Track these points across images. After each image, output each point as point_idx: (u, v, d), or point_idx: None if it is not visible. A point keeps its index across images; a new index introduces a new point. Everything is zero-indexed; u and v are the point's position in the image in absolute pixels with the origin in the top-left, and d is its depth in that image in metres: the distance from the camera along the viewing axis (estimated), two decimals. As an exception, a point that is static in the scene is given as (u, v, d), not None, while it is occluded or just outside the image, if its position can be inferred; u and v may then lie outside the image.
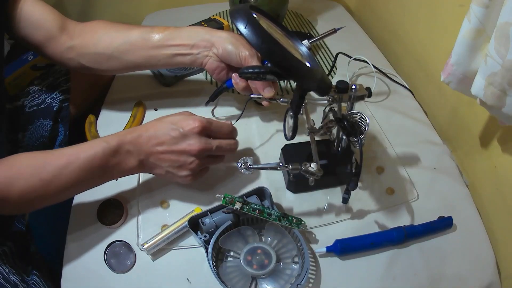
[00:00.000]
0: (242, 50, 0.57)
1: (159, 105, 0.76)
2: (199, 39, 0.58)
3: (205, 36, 0.58)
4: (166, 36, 0.58)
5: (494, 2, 0.43)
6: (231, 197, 0.50)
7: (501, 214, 0.58)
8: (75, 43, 0.60)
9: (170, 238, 0.52)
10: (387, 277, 0.51)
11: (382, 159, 0.66)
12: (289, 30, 0.57)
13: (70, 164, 0.44)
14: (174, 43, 0.58)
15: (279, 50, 0.42)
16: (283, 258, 0.51)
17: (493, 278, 0.52)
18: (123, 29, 0.60)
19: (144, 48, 0.59)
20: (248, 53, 0.57)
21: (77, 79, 0.78)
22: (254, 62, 0.57)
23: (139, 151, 0.48)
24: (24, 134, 0.69)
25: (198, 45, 0.58)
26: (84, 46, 0.60)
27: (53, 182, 0.43)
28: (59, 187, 0.44)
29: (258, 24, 0.42)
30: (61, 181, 0.44)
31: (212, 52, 0.59)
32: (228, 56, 0.58)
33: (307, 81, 0.46)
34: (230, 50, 0.57)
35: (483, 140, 0.62)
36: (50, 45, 0.59)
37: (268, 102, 0.60)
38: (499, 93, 0.44)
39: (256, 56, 0.58)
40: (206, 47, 0.59)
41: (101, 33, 0.60)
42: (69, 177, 0.44)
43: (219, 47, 0.58)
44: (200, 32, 0.59)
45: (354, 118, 0.53)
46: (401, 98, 0.79)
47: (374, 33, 1.03)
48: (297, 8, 1.14)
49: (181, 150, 0.48)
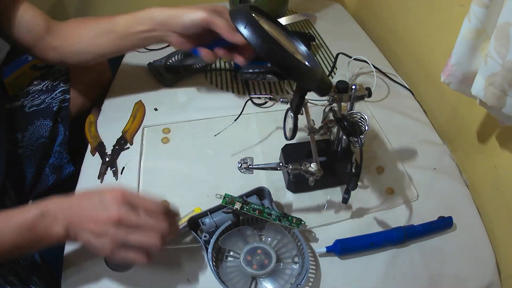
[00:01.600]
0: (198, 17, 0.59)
1: (159, 105, 0.76)
2: (156, 23, 0.61)
3: (160, 18, 0.61)
4: (127, 25, 0.62)
5: (494, 2, 0.43)
6: (231, 197, 0.50)
7: (501, 214, 0.58)
8: (58, 43, 0.65)
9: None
10: (387, 277, 0.51)
11: (382, 159, 0.66)
12: (289, 30, 0.57)
13: (6, 227, 0.43)
14: (136, 30, 0.62)
15: (279, 50, 0.42)
16: (283, 258, 0.51)
17: (493, 278, 0.52)
18: (92, 23, 0.65)
19: (111, 39, 0.64)
20: (202, 16, 0.58)
21: (77, 79, 0.78)
22: (215, 23, 0.59)
23: (65, 217, 0.45)
24: (24, 134, 0.69)
25: (156, 28, 0.62)
26: (64, 44, 0.65)
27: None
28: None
29: (258, 24, 0.42)
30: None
31: (171, 31, 0.61)
32: (186, 29, 0.61)
33: (307, 81, 0.46)
34: (186, 24, 0.60)
35: (483, 140, 0.62)
36: (38, 45, 0.64)
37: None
38: (499, 94, 0.44)
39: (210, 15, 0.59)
40: (163, 29, 0.61)
41: (75, 31, 0.65)
42: (3, 240, 0.43)
43: (176, 25, 0.60)
44: (155, 14, 0.61)
45: (354, 118, 0.53)
46: (401, 98, 0.79)
47: (374, 33, 1.03)
48: (297, 8, 1.14)
49: (98, 217, 0.44)
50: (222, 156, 0.66)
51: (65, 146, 0.74)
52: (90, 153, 0.67)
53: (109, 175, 0.63)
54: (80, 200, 0.47)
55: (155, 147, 0.68)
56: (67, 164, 0.74)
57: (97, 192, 0.47)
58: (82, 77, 0.79)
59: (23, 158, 0.68)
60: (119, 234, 0.44)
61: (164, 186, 0.60)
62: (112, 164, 0.64)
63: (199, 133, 0.70)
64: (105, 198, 0.45)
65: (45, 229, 0.44)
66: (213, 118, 0.73)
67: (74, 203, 0.46)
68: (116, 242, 0.44)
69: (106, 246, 0.44)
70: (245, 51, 0.64)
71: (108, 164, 0.64)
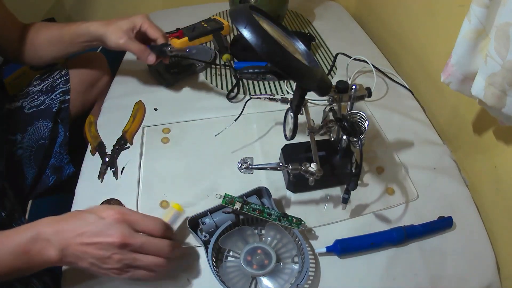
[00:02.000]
0: (118, 42, 0.67)
1: (159, 105, 0.76)
2: (92, 37, 0.69)
3: (94, 34, 0.69)
4: (72, 36, 0.70)
5: (494, 2, 0.43)
6: (231, 197, 0.50)
7: (501, 214, 0.58)
8: (22, 45, 0.71)
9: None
10: (387, 277, 0.51)
11: (382, 159, 0.66)
12: (289, 30, 0.57)
13: (2, 249, 0.42)
14: (79, 40, 0.70)
15: (279, 50, 0.42)
16: (283, 258, 0.51)
17: (493, 278, 0.52)
18: (46, 31, 0.72)
19: (61, 47, 0.72)
20: (122, 42, 0.67)
21: (77, 80, 0.78)
22: (130, 49, 0.68)
23: (59, 241, 0.43)
24: (23, 136, 0.69)
25: (94, 41, 0.70)
26: (26, 48, 0.72)
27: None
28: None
29: (258, 25, 0.42)
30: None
31: (108, 42, 0.69)
32: (113, 48, 0.69)
33: (307, 81, 0.46)
34: (112, 46, 0.68)
35: (483, 140, 0.62)
36: (8, 48, 0.71)
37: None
38: (499, 94, 0.44)
39: (129, 32, 0.68)
40: (99, 43, 0.70)
41: (34, 36, 0.72)
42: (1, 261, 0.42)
43: (106, 44, 0.69)
44: (91, 30, 0.69)
45: (354, 118, 0.53)
46: (401, 98, 0.79)
47: (374, 33, 1.03)
48: (297, 8, 1.14)
49: (101, 242, 0.43)
50: (222, 156, 0.66)
51: (65, 147, 0.74)
52: (90, 153, 0.67)
53: (109, 175, 0.63)
54: (75, 222, 0.44)
55: (155, 147, 0.68)
56: (67, 165, 0.74)
57: (93, 212, 0.45)
58: (82, 78, 0.79)
59: (23, 159, 0.68)
60: (125, 258, 0.44)
61: (164, 186, 0.60)
62: (112, 164, 0.64)
63: (199, 133, 0.70)
64: (104, 221, 0.44)
65: (38, 253, 0.43)
66: (213, 118, 0.73)
67: (69, 226, 0.44)
68: (122, 266, 0.44)
69: (111, 270, 0.44)
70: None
71: (108, 164, 0.64)
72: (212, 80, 0.84)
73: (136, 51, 0.68)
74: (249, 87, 0.82)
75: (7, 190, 0.59)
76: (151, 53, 0.69)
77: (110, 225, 0.44)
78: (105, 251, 0.43)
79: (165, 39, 0.71)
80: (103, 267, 0.44)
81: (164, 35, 0.71)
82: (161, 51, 0.69)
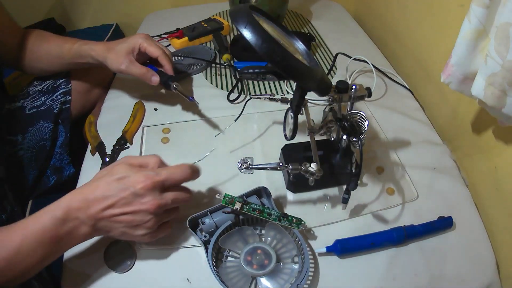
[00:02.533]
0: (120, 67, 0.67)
1: (159, 105, 0.76)
2: (94, 59, 0.69)
3: (96, 58, 0.68)
4: (73, 56, 0.69)
5: (494, 2, 0.43)
6: (231, 197, 0.50)
7: (501, 214, 0.58)
8: (22, 53, 0.71)
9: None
10: (387, 277, 0.51)
11: (382, 159, 0.66)
12: (289, 30, 0.57)
13: (25, 240, 0.41)
14: (80, 61, 0.70)
15: (279, 50, 0.42)
16: (283, 258, 0.51)
17: (493, 278, 0.52)
18: (47, 43, 0.71)
19: (61, 64, 0.72)
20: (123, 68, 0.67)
21: (78, 81, 0.78)
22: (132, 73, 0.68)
23: (89, 217, 0.43)
24: (24, 137, 0.69)
25: (95, 63, 0.69)
26: (26, 57, 0.71)
27: (13, 260, 0.40)
28: (22, 265, 0.41)
29: (258, 24, 0.42)
30: (22, 256, 0.41)
31: (109, 67, 0.69)
32: (115, 71, 0.70)
33: (307, 81, 0.46)
34: (113, 70, 0.68)
35: (483, 140, 0.62)
36: (7, 55, 0.70)
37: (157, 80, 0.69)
38: (499, 94, 0.44)
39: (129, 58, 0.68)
40: (103, 65, 0.69)
41: (33, 49, 0.71)
42: (28, 254, 0.41)
43: (108, 67, 0.68)
44: (92, 53, 0.68)
45: (354, 118, 0.53)
46: (401, 98, 0.79)
47: (374, 33, 1.03)
48: (297, 8, 1.14)
49: (136, 210, 0.44)
50: (222, 156, 0.66)
51: (66, 148, 0.74)
52: (90, 153, 0.67)
53: (109, 175, 0.62)
54: (103, 194, 0.43)
55: (155, 147, 0.68)
56: (68, 166, 0.74)
57: (117, 179, 0.44)
58: (83, 78, 0.79)
59: (24, 161, 0.68)
60: (158, 220, 0.46)
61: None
62: (112, 164, 0.64)
63: (199, 133, 0.70)
64: (134, 190, 0.43)
65: (69, 234, 0.43)
66: (213, 118, 0.73)
67: (94, 198, 0.43)
68: (155, 227, 0.46)
69: (146, 233, 0.46)
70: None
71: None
72: (212, 80, 0.84)
73: (138, 75, 0.68)
74: (249, 87, 0.82)
75: (7, 193, 0.59)
76: (154, 74, 0.69)
77: (140, 195, 0.44)
78: (141, 217, 0.44)
79: (165, 56, 0.70)
80: (135, 234, 0.46)
81: (164, 53, 0.70)
82: (166, 83, 0.69)
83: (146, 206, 0.44)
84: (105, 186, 0.44)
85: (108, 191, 0.44)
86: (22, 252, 0.40)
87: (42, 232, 0.41)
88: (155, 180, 0.44)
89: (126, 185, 0.44)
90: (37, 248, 0.41)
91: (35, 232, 0.41)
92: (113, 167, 0.46)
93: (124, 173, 0.45)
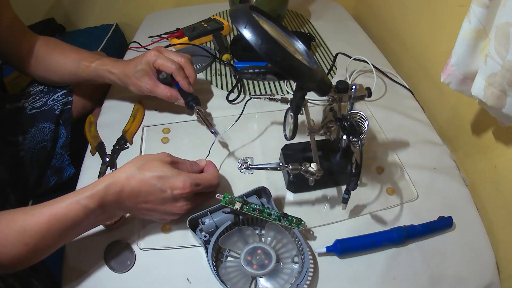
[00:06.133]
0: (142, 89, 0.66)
1: (159, 105, 0.76)
2: (112, 81, 0.68)
3: (115, 81, 0.68)
4: (93, 75, 0.68)
5: (494, 2, 0.43)
6: (231, 197, 0.50)
7: (501, 214, 0.58)
8: (31, 59, 0.69)
9: None
10: (387, 277, 0.51)
11: (382, 159, 0.66)
12: (289, 30, 0.57)
13: (52, 226, 0.41)
14: (99, 80, 0.69)
15: (279, 50, 0.42)
16: (283, 258, 0.51)
17: (493, 278, 0.52)
18: (61, 57, 0.69)
19: (77, 78, 0.70)
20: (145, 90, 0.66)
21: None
22: (155, 94, 0.67)
23: (124, 208, 0.47)
24: (25, 137, 0.68)
25: (113, 83, 0.70)
26: (37, 65, 0.70)
27: (38, 245, 0.41)
28: (47, 247, 0.43)
29: (258, 24, 0.42)
30: (47, 242, 0.42)
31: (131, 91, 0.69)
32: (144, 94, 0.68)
33: (307, 81, 0.46)
34: (134, 91, 0.68)
35: (483, 140, 0.62)
36: (13, 55, 0.68)
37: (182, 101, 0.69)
38: (499, 94, 0.44)
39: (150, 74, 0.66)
40: (124, 87, 0.69)
41: (47, 54, 0.69)
42: (54, 238, 0.42)
43: (133, 92, 0.68)
44: (111, 77, 0.67)
45: (354, 118, 0.53)
46: (401, 98, 0.79)
47: (374, 33, 1.03)
48: (297, 8, 1.14)
49: (167, 210, 0.49)
50: (222, 156, 0.66)
51: (67, 148, 0.74)
52: (90, 153, 0.67)
53: (109, 175, 0.63)
54: (139, 188, 0.46)
55: (155, 147, 0.68)
56: (68, 166, 0.74)
57: (156, 178, 0.46)
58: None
59: (25, 162, 0.68)
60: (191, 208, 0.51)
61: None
62: (112, 164, 0.64)
63: (199, 133, 0.70)
64: (174, 195, 0.47)
65: (100, 221, 0.49)
66: (213, 118, 0.73)
67: (130, 191, 0.45)
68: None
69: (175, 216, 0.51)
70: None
71: (108, 164, 0.64)
72: (212, 80, 0.84)
73: (163, 98, 0.68)
74: (249, 87, 0.82)
75: (9, 195, 0.59)
76: (178, 98, 0.69)
77: (176, 199, 0.48)
78: (167, 215, 0.50)
79: (179, 72, 0.66)
80: (167, 219, 0.52)
81: (179, 67, 0.66)
82: (189, 105, 0.69)
83: (178, 209, 0.49)
84: (141, 182, 0.46)
85: (144, 188, 0.46)
86: (47, 238, 0.42)
87: (73, 220, 0.43)
88: (193, 190, 0.49)
89: (164, 186, 0.47)
90: (67, 231, 0.43)
91: (66, 220, 0.42)
92: (148, 162, 0.48)
93: (161, 172, 0.47)
